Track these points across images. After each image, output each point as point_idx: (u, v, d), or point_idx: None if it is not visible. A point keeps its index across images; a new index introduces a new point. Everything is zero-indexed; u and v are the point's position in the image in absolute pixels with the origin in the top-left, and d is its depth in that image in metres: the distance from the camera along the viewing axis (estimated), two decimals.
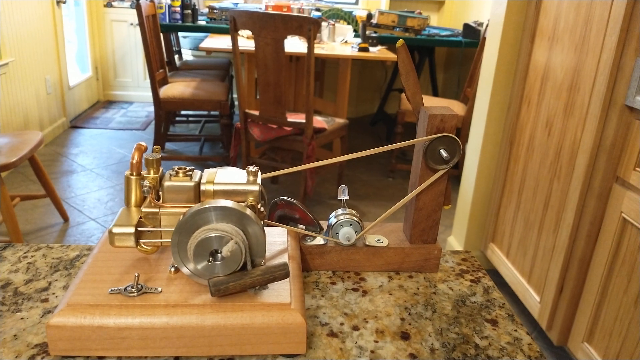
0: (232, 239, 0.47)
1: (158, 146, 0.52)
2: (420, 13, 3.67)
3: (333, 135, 2.62)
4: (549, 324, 1.66)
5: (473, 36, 3.52)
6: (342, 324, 0.54)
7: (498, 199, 2.06)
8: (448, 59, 4.52)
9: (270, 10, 3.32)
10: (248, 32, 3.07)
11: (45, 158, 3.28)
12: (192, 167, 0.51)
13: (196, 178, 0.50)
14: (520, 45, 1.90)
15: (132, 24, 4.45)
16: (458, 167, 2.85)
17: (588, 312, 1.48)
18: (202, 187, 0.50)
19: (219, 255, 0.48)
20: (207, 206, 0.47)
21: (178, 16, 3.43)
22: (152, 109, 4.43)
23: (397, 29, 3.56)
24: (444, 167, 0.59)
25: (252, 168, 0.52)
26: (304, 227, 0.63)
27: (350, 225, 0.61)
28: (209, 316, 0.46)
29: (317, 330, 0.53)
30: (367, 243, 0.63)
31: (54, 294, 0.55)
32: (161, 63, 3.06)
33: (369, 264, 0.63)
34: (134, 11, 3.40)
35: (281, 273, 0.48)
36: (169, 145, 3.61)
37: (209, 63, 3.92)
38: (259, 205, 0.51)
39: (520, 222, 1.88)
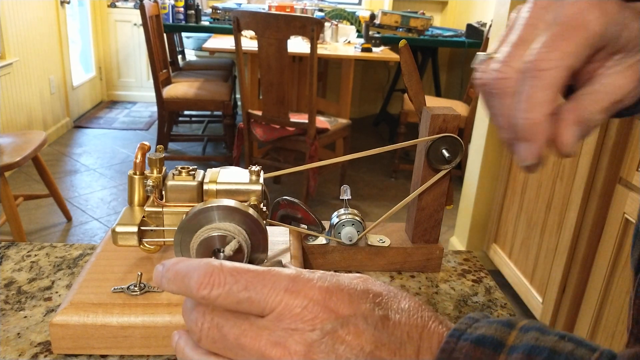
0: (234, 238, 0.47)
1: (161, 146, 0.52)
2: (423, 13, 3.66)
3: (336, 135, 2.62)
4: (551, 324, 1.66)
5: (476, 36, 3.52)
6: None
7: (501, 199, 2.06)
8: (451, 60, 4.52)
9: (273, 11, 3.32)
10: (251, 33, 3.08)
11: (48, 158, 3.29)
12: (195, 167, 0.51)
13: (199, 177, 0.50)
14: None
15: (135, 24, 4.46)
16: (460, 167, 2.85)
17: (590, 313, 1.48)
18: (205, 187, 0.50)
19: (222, 254, 0.48)
20: (209, 205, 0.47)
21: (181, 16, 3.44)
22: (155, 109, 4.43)
23: (400, 29, 3.55)
24: (446, 167, 0.59)
25: (255, 168, 0.52)
26: (306, 226, 0.63)
27: (353, 225, 0.62)
28: None
29: None
30: (369, 243, 0.63)
31: (57, 292, 0.55)
32: (164, 63, 3.06)
33: (371, 263, 0.64)
34: (138, 11, 3.41)
35: None
36: (172, 145, 3.62)
37: (212, 63, 3.93)
38: (262, 205, 0.51)
39: (523, 222, 1.88)
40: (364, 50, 2.98)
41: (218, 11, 3.54)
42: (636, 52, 0.32)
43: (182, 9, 3.42)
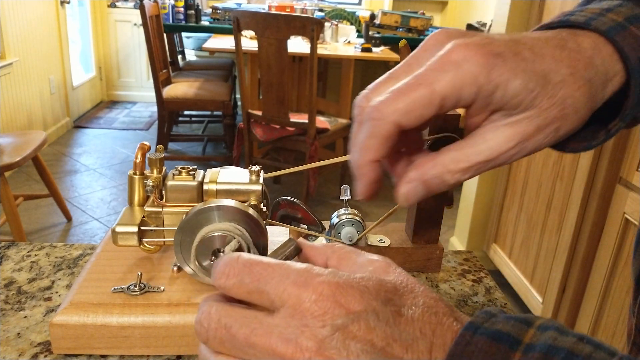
0: (234, 238, 0.47)
1: (161, 145, 0.52)
2: (423, 13, 3.66)
3: (336, 135, 2.62)
4: None
5: None
6: None
7: (501, 199, 2.06)
8: None
9: (273, 11, 3.32)
10: (251, 33, 3.08)
11: (48, 158, 3.29)
12: (195, 167, 0.51)
13: (199, 177, 0.50)
14: None
15: (135, 24, 4.46)
16: None
17: (590, 312, 1.48)
18: (205, 187, 0.50)
19: (222, 254, 0.48)
20: (209, 205, 0.47)
21: (181, 16, 3.44)
22: (155, 109, 4.44)
23: (400, 29, 3.55)
24: None
25: (255, 168, 0.52)
26: (306, 226, 0.63)
27: (353, 225, 0.62)
28: None
29: None
30: (369, 243, 0.63)
31: (57, 292, 0.55)
32: (164, 63, 3.06)
33: None
34: (138, 11, 3.41)
35: (291, 250, 0.47)
36: (172, 145, 3.62)
37: (212, 63, 3.93)
38: (262, 205, 0.51)
39: (523, 222, 1.88)
40: (364, 50, 2.98)
41: (218, 11, 3.54)
42: (521, 110, 0.30)
43: (182, 9, 3.42)
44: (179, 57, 4.02)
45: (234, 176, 0.52)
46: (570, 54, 0.31)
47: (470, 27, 3.61)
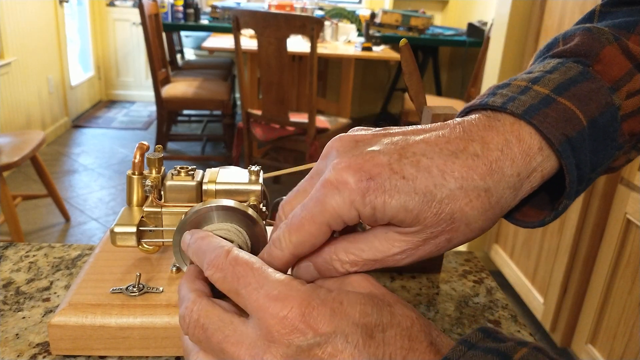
0: (234, 240, 0.46)
1: (160, 145, 0.52)
2: (424, 12, 3.66)
3: (336, 135, 2.61)
4: (553, 325, 1.66)
5: (477, 35, 3.52)
6: None
7: None
8: (452, 59, 4.52)
9: (273, 10, 3.32)
10: (251, 32, 3.08)
11: (47, 157, 3.29)
12: (194, 167, 0.51)
13: (198, 177, 0.50)
14: (525, 45, 1.90)
15: (134, 23, 4.45)
16: None
17: (592, 313, 1.48)
18: (204, 187, 0.50)
19: None
20: (209, 205, 0.47)
21: (181, 15, 3.43)
22: (154, 108, 4.43)
23: (401, 28, 3.55)
24: None
25: (254, 168, 0.52)
26: None
27: None
28: None
29: None
30: None
31: (55, 293, 0.55)
32: (163, 62, 3.06)
33: None
34: (137, 10, 3.41)
35: None
36: (171, 145, 3.61)
37: (212, 62, 3.93)
38: (261, 205, 0.50)
39: None
40: (364, 49, 2.97)
41: (217, 10, 3.54)
42: (406, 225, 0.29)
43: (181, 8, 3.41)
44: (178, 56, 4.01)
45: (233, 176, 0.51)
46: (465, 162, 0.29)
47: (471, 26, 3.61)
